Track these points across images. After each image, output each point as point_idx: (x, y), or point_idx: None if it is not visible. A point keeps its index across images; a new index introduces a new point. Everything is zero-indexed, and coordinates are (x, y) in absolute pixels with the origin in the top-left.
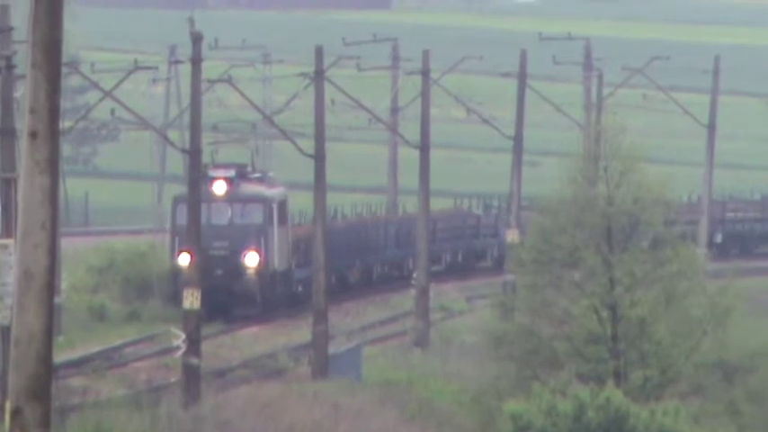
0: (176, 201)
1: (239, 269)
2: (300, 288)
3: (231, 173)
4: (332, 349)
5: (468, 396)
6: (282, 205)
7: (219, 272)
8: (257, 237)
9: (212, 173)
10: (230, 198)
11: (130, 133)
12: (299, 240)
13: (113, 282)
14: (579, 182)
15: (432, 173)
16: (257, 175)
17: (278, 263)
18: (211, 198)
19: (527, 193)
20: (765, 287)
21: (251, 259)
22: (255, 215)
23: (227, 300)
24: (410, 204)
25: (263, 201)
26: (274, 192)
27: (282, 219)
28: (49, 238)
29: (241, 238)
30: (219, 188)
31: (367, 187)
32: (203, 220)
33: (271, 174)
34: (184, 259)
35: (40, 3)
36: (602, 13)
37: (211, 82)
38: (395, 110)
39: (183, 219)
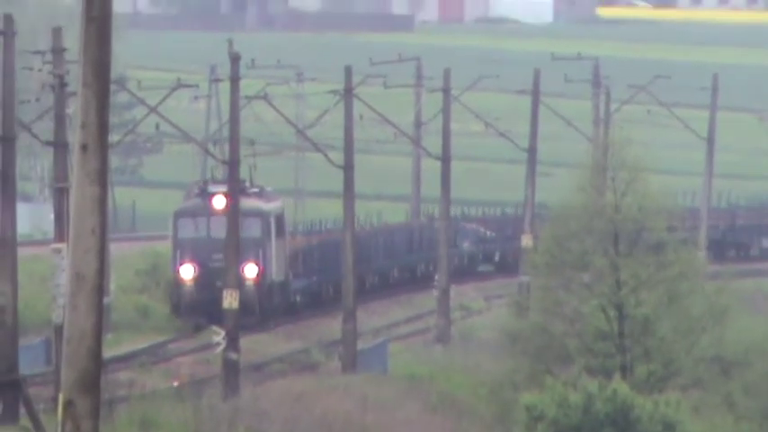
0: (177, 215)
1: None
2: (298, 298)
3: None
4: (360, 345)
5: (486, 389)
6: (280, 218)
7: (219, 283)
8: (256, 249)
9: (212, 188)
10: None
11: (174, 146)
12: (296, 251)
13: (158, 283)
14: (588, 191)
15: (452, 183)
16: (255, 189)
17: (276, 274)
18: (211, 212)
19: (540, 201)
20: (760, 287)
21: (250, 271)
22: (254, 229)
23: None
24: (397, 215)
25: (261, 215)
26: (272, 206)
27: (280, 231)
28: (98, 242)
29: (240, 250)
30: (219, 203)
31: (392, 196)
32: (203, 233)
33: (269, 188)
34: (186, 271)
35: (91, 26)
36: (609, 35)
37: (249, 99)
38: (418, 124)
39: (184, 232)
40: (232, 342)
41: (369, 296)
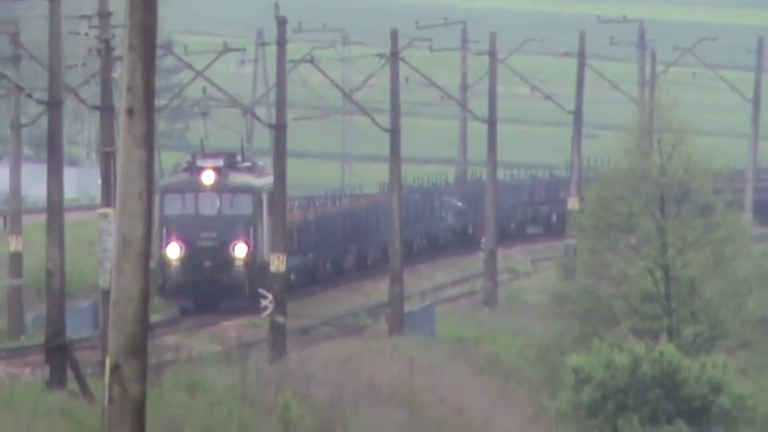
0: (163, 191)
1: (228, 260)
2: (293, 277)
3: (220, 162)
4: (407, 308)
5: (533, 351)
6: (272, 195)
7: (208, 263)
8: (246, 227)
9: (200, 162)
10: (219, 188)
11: (220, 110)
12: (291, 228)
13: None
14: (634, 153)
15: (498, 145)
16: (247, 164)
17: (267, 253)
18: (200, 188)
19: (586, 163)
20: None
21: (240, 250)
22: (244, 206)
23: (216, 291)
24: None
25: (252, 191)
26: (264, 181)
27: (273, 208)
28: (145, 207)
29: (230, 228)
30: (208, 178)
31: (439, 159)
32: (191, 210)
33: (260, 163)
34: (173, 250)
35: None
36: None
37: (295, 62)
38: (464, 87)
39: (171, 209)
40: (279, 306)
41: (372, 273)
